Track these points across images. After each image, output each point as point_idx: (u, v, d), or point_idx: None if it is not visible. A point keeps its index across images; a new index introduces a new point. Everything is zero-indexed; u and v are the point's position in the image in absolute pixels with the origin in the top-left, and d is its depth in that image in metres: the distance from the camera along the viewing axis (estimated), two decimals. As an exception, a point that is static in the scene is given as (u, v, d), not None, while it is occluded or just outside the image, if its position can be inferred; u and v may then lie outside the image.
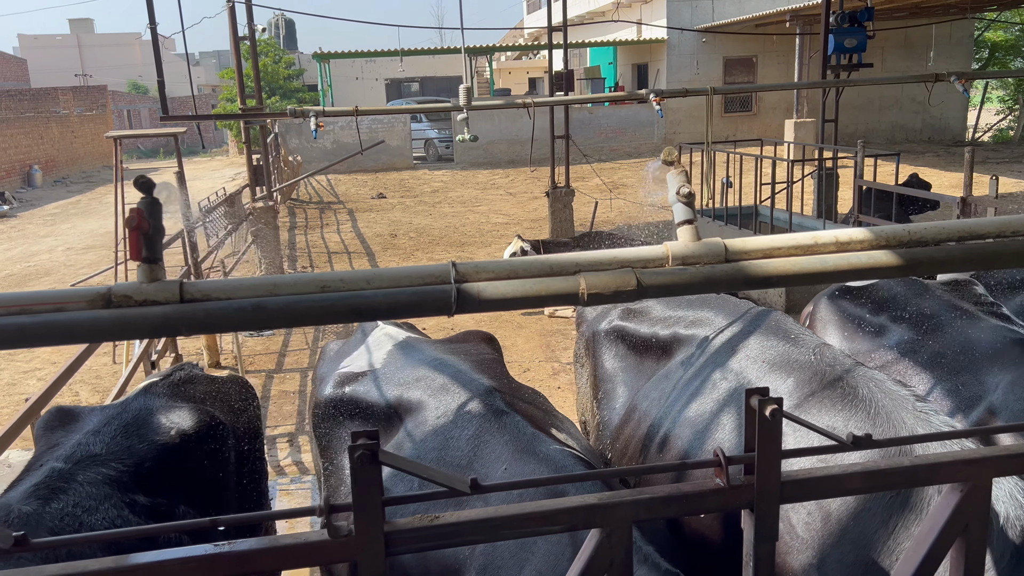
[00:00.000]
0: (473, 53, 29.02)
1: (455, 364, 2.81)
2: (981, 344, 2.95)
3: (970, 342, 2.98)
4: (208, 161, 35.43)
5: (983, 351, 2.91)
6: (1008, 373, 2.73)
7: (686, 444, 2.46)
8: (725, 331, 2.75)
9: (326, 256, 13.70)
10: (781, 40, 23.71)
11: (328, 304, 1.39)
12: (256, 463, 3.06)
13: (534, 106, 7.33)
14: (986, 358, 2.87)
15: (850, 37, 11.46)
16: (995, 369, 2.80)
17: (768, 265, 1.52)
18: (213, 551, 1.36)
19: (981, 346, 2.94)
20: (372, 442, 1.44)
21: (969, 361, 2.89)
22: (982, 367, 2.84)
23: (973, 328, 3.06)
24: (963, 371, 2.88)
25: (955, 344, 3.01)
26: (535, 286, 1.47)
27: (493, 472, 2.19)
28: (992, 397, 2.69)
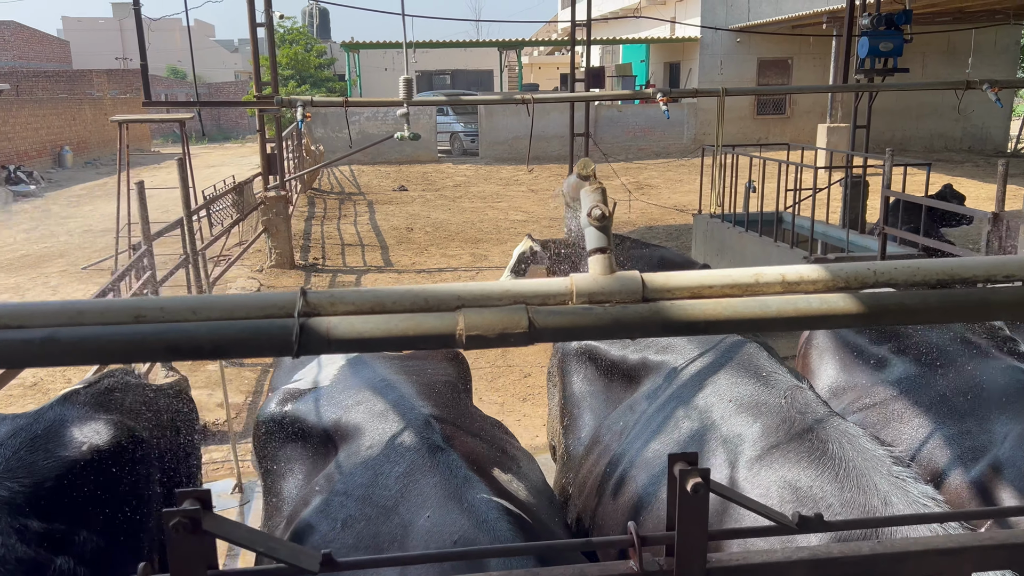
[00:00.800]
0: (504, 47, 28.75)
1: (401, 387, 2.56)
2: (993, 387, 2.62)
3: (980, 384, 2.65)
4: (238, 147, 35.58)
5: (994, 395, 2.58)
6: (1020, 423, 2.40)
7: (640, 489, 2.18)
8: (696, 361, 2.46)
9: (340, 248, 13.53)
10: (818, 42, 23.11)
11: (139, 339, 1.13)
12: (185, 484, 2.83)
13: (533, 103, 7.03)
14: (997, 404, 2.54)
15: (886, 40, 10.99)
16: (1005, 417, 2.47)
17: (693, 307, 1.23)
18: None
19: (992, 389, 2.61)
20: (194, 508, 1.19)
21: (977, 405, 2.57)
22: (991, 414, 2.51)
23: (985, 368, 2.73)
24: (969, 416, 2.55)
25: (963, 385, 2.68)
26: (401, 324, 1.20)
27: (417, 518, 1.94)
28: (999, 450, 2.37)
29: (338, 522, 2.06)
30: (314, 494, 2.24)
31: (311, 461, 2.48)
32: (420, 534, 1.81)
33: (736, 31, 23.72)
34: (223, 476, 5.85)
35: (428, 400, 2.45)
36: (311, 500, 2.23)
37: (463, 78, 34.44)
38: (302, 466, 2.49)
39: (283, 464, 2.57)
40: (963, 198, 10.88)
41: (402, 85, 6.82)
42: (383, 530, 1.91)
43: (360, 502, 2.05)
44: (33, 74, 36.03)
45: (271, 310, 1.19)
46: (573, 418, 2.86)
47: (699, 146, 25.28)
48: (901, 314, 1.26)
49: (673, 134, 25.06)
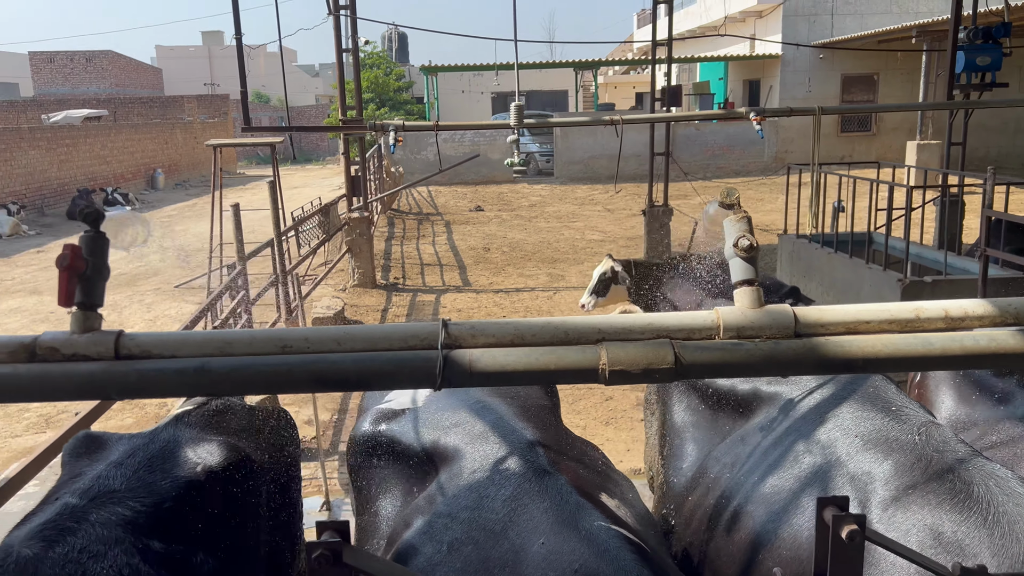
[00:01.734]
0: (579, 67, 28.82)
1: (498, 409, 2.53)
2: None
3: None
4: (320, 169, 36.58)
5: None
6: None
7: (759, 526, 2.09)
8: (814, 392, 2.35)
9: (419, 267, 13.71)
10: (906, 57, 22.37)
11: (286, 370, 1.14)
12: (289, 507, 2.86)
13: (622, 123, 6.98)
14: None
15: (983, 55, 10.55)
16: None
17: (851, 344, 1.17)
18: None
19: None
20: (336, 540, 1.18)
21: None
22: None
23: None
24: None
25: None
26: (543, 358, 1.17)
27: (529, 544, 1.89)
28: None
29: (444, 545, 2.03)
30: (416, 516, 2.23)
31: (408, 482, 2.47)
32: (536, 561, 1.76)
33: (819, 47, 23.19)
34: (311, 493, 5.93)
35: (527, 422, 2.41)
36: (412, 522, 2.21)
37: (538, 99, 34.65)
38: (399, 487, 2.49)
39: (379, 484, 2.57)
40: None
41: (513, 112, 6.86)
42: (493, 555, 1.87)
43: (466, 525, 2.02)
44: (129, 100, 37.93)
45: (413, 341, 1.18)
46: (675, 448, 2.78)
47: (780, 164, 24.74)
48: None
49: (753, 152, 24.60)
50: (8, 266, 15.54)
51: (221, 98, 40.08)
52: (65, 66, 48.65)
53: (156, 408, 7.74)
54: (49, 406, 7.83)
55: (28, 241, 18.44)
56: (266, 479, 2.66)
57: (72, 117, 27.93)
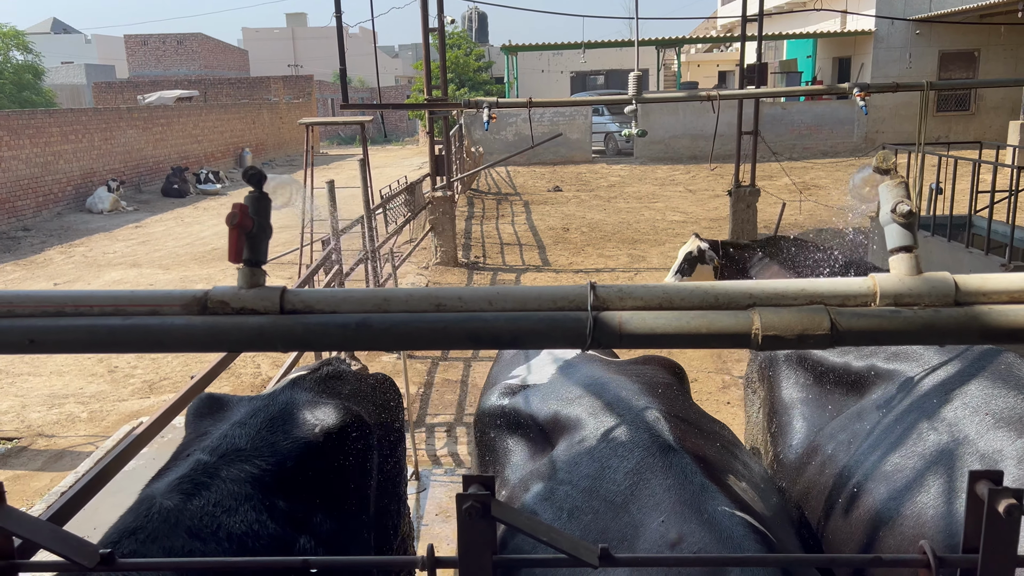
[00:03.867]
0: (661, 45, 28.33)
1: (623, 385, 2.53)
2: None
3: None
4: (400, 150, 37.11)
5: None
6: None
7: (881, 504, 2.04)
8: (937, 370, 2.28)
9: (499, 247, 13.79)
10: (1009, 32, 21.19)
11: (441, 327, 1.17)
12: (396, 468, 2.94)
13: (719, 99, 6.84)
14: None
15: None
16: None
17: (1016, 314, 1.13)
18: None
19: None
20: (485, 493, 1.22)
21: None
22: None
23: None
24: None
25: None
26: (694, 321, 1.18)
27: (649, 521, 1.87)
28: None
29: (564, 511, 2.05)
30: (537, 481, 2.25)
31: (532, 451, 2.50)
32: (654, 538, 1.76)
33: (916, 22, 22.17)
34: (401, 464, 6.08)
35: (653, 398, 2.40)
36: (532, 486, 2.24)
37: (618, 78, 34.22)
38: (523, 455, 2.52)
39: (504, 453, 2.61)
40: None
41: (632, 81, 6.88)
42: (612, 526, 1.88)
43: (586, 494, 2.03)
44: (217, 81, 39.15)
45: (562, 303, 1.20)
46: (784, 425, 2.74)
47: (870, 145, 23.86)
48: None
49: (842, 132, 23.77)
50: (110, 240, 16.33)
51: (305, 79, 40.97)
52: (158, 48, 50.55)
53: (251, 378, 8.05)
54: (152, 372, 8.23)
55: (127, 216, 19.32)
56: (376, 441, 2.74)
57: (165, 98, 29.06)
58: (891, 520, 1.97)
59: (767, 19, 27.96)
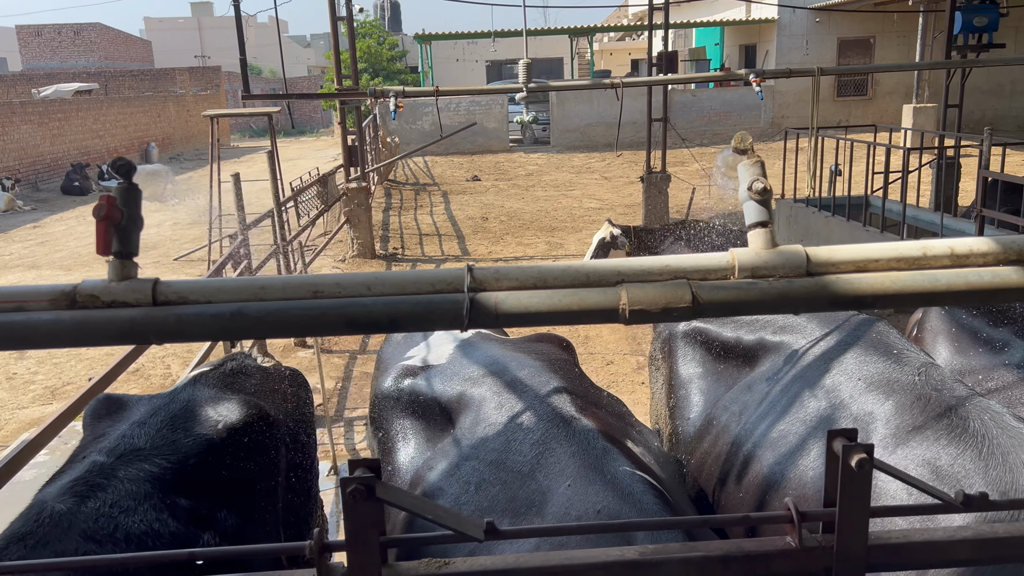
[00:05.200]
0: (574, 34, 28.58)
1: (525, 361, 2.60)
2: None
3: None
4: (314, 141, 36.38)
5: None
6: None
7: (767, 470, 2.16)
8: (819, 341, 2.42)
9: (417, 238, 13.72)
10: (902, 19, 22.22)
11: (318, 313, 1.18)
12: (307, 462, 2.92)
13: (622, 87, 6.97)
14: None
15: (980, 15, 10.51)
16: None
17: (860, 281, 1.22)
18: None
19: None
20: (369, 475, 1.24)
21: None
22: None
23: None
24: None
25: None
26: (566, 299, 1.22)
27: (556, 486, 1.96)
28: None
29: (471, 485, 2.09)
30: (441, 459, 2.29)
31: (433, 431, 2.53)
32: (561, 502, 1.84)
33: (816, 10, 23.01)
34: (318, 459, 6.02)
35: (551, 373, 2.48)
36: (437, 464, 2.28)
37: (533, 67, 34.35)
38: (423, 436, 2.54)
39: (403, 435, 2.63)
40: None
41: (522, 69, 6.86)
42: (520, 495, 1.95)
43: (493, 467, 2.09)
44: (119, 74, 37.52)
45: (440, 285, 1.23)
46: (682, 399, 2.84)
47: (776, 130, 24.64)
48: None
49: (750, 118, 24.50)
50: (5, 241, 15.51)
51: (212, 70, 39.70)
52: (53, 39, 48.03)
53: (160, 379, 7.81)
54: (54, 377, 7.89)
55: (23, 216, 18.38)
56: (284, 436, 2.72)
57: (62, 91, 27.67)
58: (776, 483, 2.08)
59: (676, 8, 28.56)
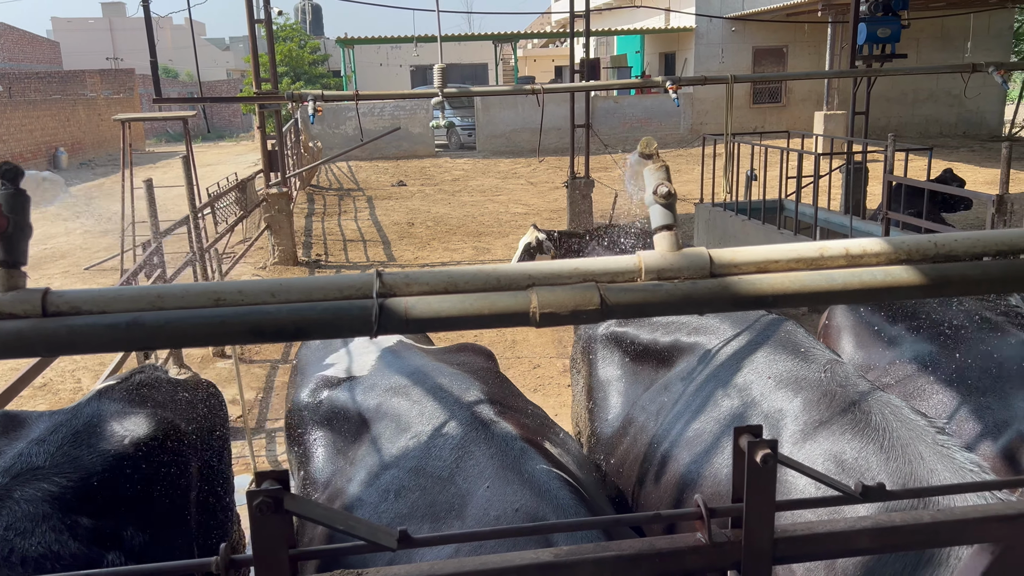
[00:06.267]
0: (499, 40, 28.71)
1: (446, 370, 2.60)
2: (1011, 362, 2.65)
3: (999, 359, 2.68)
4: (234, 146, 35.50)
5: (1012, 371, 2.61)
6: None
7: (684, 469, 2.21)
8: (731, 341, 2.49)
9: (341, 244, 13.53)
10: (813, 30, 23.12)
11: (219, 322, 1.15)
12: (221, 475, 2.84)
13: (543, 92, 7.04)
14: (1015, 379, 2.57)
15: (883, 26, 11.02)
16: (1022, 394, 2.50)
17: (761, 282, 1.25)
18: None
19: (1010, 365, 2.64)
20: (277, 487, 1.21)
21: (996, 381, 2.60)
22: (1010, 389, 2.54)
23: (1003, 344, 2.76)
24: (988, 392, 2.58)
25: (981, 361, 2.71)
26: (476, 303, 1.22)
27: (475, 488, 1.98)
28: (1022, 424, 2.40)
29: (390, 493, 2.09)
30: (359, 469, 2.27)
31: (352, 443, 2.50)
32: (480, 504, 1.85)
33: (731, 19, 23.72)
34: (239, 472, 5.86)
35: (474, 380, 2.49)
36: (355, 475, 2.26)
37: (457, 72, 34.37)
38: (342, 447, 2.51)
39: (323, 446, 2.59)
40: (963, 182, 10.91)
41: (437, 74, 6.82)
42: (439, 499, 1.95)
43: (412, 473, 2.09)
44: (25, 75, 35.82)
45: (349, 291, 1.21)
46: (600, 401, 2.88)
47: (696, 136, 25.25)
48: (964, 284, 1.28)
49: (670, 124, 25.06)
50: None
51: (126, 73, 38.30)
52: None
53: (70, 394, 7.47)
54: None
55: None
56: (195, 449, 2.64)
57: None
58: (691, 481, 2.13)
59: (597, 16, 29.02)
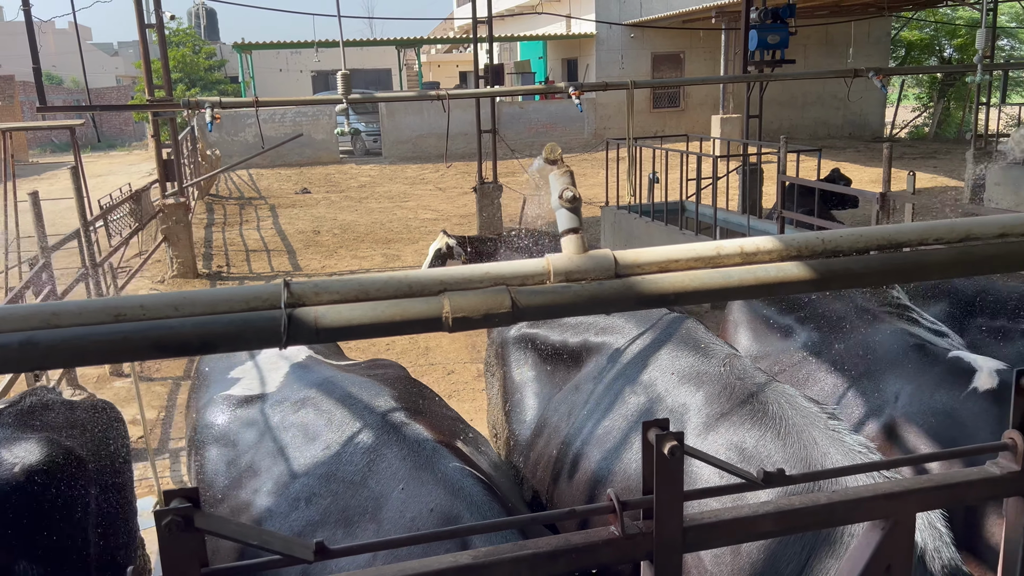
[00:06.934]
0: (402, 45, 28.55)
1: (355, 379, 2.58)
2: (884, 350, 2.84)
3: (873, 347, 2.87)
4: (126, 155, 34.00)
5: (885, 358, 2.80)
6: (909, 383, 2.62)
7: (596, 466, 2.27)
8: (637, 340, 2.57)
9: (244, 254, 13.16)
10: (708, 36, 23.96)
11: (121, 338, 1.11)
12: (122, 500, 2.72)
13: (448, 98, 7.05)
14: (888, 365, 2.76)
15: (773, 33, 11.54)
16: (896, 378, 2.69)
17: (663, 281, 1.30)
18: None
19: (883, 352, 2.83)
20: (187, 505, 1.18)
21: (871, 368, 2.79)
22: (884, 375, 2.73)
23: (877, 332, 2.96)
24: (864, 379, 2.77)
25: (858, 349, 2.91)
26: (388, 310, 1.22)
27: (389, 490, 1.98)
28: (893, 409, 2.58)
29: (300, 501, 2.08)
30: (266, 481, 2.24)
31: (261, 457, 2.45)
32: (395, 506, 1.85)
33: (630, 26, 24.32)
34: (143, 494, 5.62)
35: (385, 387, 2.48)
36: (263, 487, 2.23)
37: (361, 77, 33.92)
38: (252, 462, 2.46)
39: (228, 463, 2.52)
40: (850, 181, 11.54)
41: (340, 81, 6.72)
42: (352, 504, 1.95)
43: (323, 480, 2.08)
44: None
45: (255, 303, 1.19)
46: (515, 403, 2.92)
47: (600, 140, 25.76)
48: (849, 278, 1.37)
49: (574, 129, 25.48)
50: None
51: (5, 79, 36.16)
52: None
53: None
54: None
55: None
56: (94, 475, 2.52)
57: None
58: (604, 477, 2.19)
59: (500, 22, 29.22)
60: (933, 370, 2.64)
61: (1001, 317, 3.29)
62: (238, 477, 2.41)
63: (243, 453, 2.48)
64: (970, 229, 1.42)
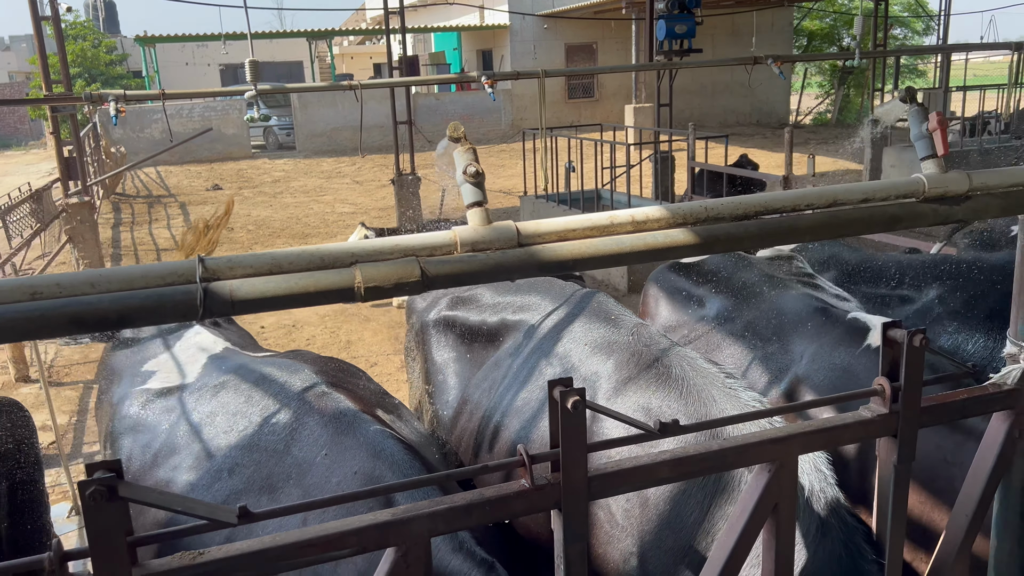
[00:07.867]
0: (313, 37, 28.04)
1: (275, 360, 2.62)
2: (790, 314, 3.04)
3: (780, 312, 3.07)
4: (23, 155, 32.35)
5: (791, 321, 3.00)
6: (812, 343, 2.82)
7: (515, 435, 2.37)
8: (551, 315, 2.69)
9: (155, 253, 12.78)
10: (619, 27, 24.40)
11: (38, 315, 1.14)
12: (33, 501, 2.67)
13: (360, 88, 7.03)
14: (793, 328, 2.96)
15: (680, 23, 11.87)
16: (801, 339, 2.89)
17: (562, 248, 1.40)
18: None
19: (790, 316, 3.03)
20: (110, 475, 1.22)
21: (778, 331, 2.98)
22: (790, 337, 2.92)
23: (784, 298, 3.15)
24: (772, 341, 2.96)
25: (766, 315, 3.10)
26: (301, 282, 1.28)
27: (312, 456, 2.04)
28: (798, 367, 2.77)
29: (224, 471, 2.11)
30: (187, 457, 2.27)
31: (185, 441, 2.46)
32: (320, 471, 1.92)
33: (544, 17, 24.54)
34: (56, 500, 5.45)
35: (304, 364, 2.53)
36: (182, 463, 2.25)
37: (272, 71, 33.18)
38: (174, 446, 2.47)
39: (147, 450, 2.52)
40: (757, 166, 12.00)
41: (248, 68, 6.62)
42: (276, 471, 2.00)
43: (246, 450, 2.12)
44: None
45: (171, 278, 1.24)
46: (438, 384, 2.99)
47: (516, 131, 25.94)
48: (729, 242, 1.50)
49: (491, 120, 25.57)
50: None
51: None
52: None
53: None
54: None
55: None
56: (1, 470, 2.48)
57: None
58: (522, 443, 2.29)
59: (413, 13, 29.04)
60: (834, 330, 2.83)
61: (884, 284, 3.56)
62: (156, 457, 2.42)
63: (161, 435, 2.49)
64: (836, 195, 1.57)
